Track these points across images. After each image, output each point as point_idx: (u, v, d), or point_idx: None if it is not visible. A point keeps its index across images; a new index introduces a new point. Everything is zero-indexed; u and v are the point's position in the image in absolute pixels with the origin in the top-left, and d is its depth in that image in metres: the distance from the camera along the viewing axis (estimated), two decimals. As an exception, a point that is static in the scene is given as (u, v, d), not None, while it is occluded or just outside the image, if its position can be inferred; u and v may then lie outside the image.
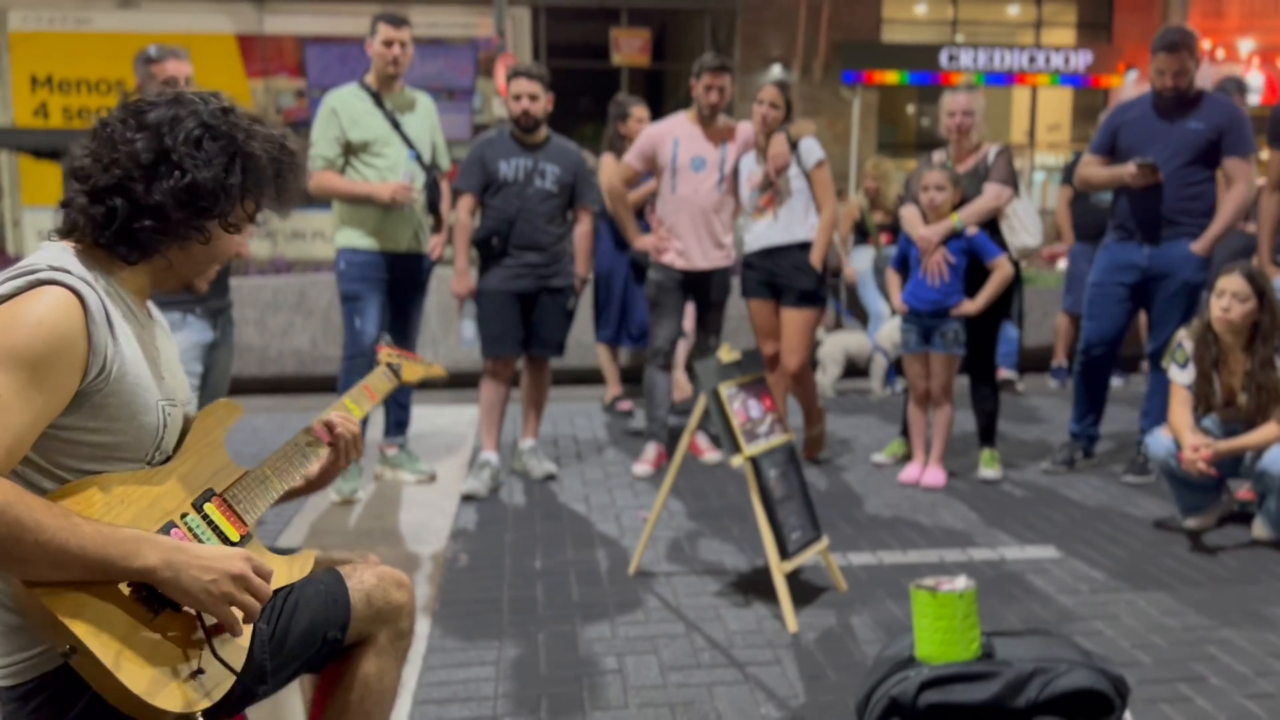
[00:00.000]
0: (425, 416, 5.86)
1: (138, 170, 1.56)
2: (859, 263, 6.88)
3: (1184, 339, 3.92)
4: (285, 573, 1.77)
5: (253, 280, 6.96)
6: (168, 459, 1.64)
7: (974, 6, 18.41)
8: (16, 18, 14.99)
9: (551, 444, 5.41)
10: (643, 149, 4.80)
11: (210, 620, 1.54)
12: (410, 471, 4.76)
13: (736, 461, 3.27)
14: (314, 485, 1.96)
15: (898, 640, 2.51)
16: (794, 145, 4.66)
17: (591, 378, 7.10)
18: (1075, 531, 4.05)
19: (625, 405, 6.07)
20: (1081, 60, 17.48)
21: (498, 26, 13.18)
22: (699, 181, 4.72)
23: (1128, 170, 4.52)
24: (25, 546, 1.36)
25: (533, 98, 4.51)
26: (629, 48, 16.50)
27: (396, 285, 4.55)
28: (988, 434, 4.82)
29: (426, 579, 3.60)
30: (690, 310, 5.34)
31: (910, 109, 18.99)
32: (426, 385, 6.82)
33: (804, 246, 4.69)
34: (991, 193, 4.56)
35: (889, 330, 6.48)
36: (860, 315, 7.19)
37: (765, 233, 4.75)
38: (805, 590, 3.46)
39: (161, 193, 1.56)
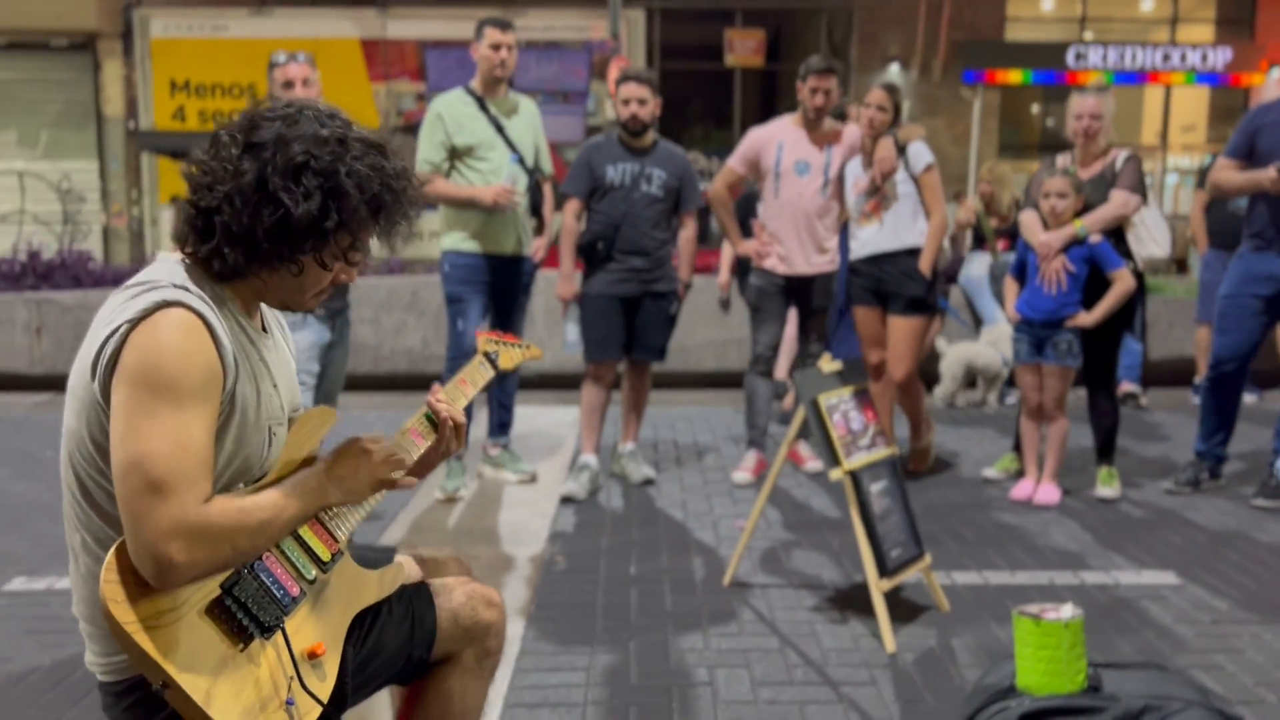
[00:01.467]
0: (529, 417, 5.92)
1: (237, 196, 1.53)
2: (974, 269, 6.68)
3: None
4: (375, 589, 1.76)
5: (368, 280, 7.14)
6: (264, 475, 1.64)
7: (1104, 3, 17.71)
8: (158, 25, 15.73)
9: (651, 448, 5.40)
10: (746, 153, 4.74)
11: (299, 650, 1.57)
12: (512, 471, 4.81)
13: (835, 475, 3.19)
14: (414, 473, 1.95)
15: (998, 667, 2.41)
16: (902, 149, 4.54)
17: (695, 382, 7.07)
18: (1197, 557, 3.84)
19: None
20: (1220, 58, 16.65)
21: (612, 29, 13.26)
22: (803, 186, 4.65)
23: (1267, 175, 4.26)
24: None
25: (641, 102, 4.50)
26: (743, 49, 16.40)
27: (499, 287, 4.60)
28: (1106, 450, 4.62)
29: (523, 581, 3.62)
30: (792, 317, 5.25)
31: (1034, 109, 18.39)
32: (530, 386, 6.87)
33: (912, 253, 4.57)
34: (1119, 200, 4.36)
35: (994, 338, 6.28)
36: (975, 322, 6.98)
37: (872, 239, 4.64)
38: (905, 609, 3.36)
39: (255, 222, 1.53)
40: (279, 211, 1.52)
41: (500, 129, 4.51)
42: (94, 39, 15.30)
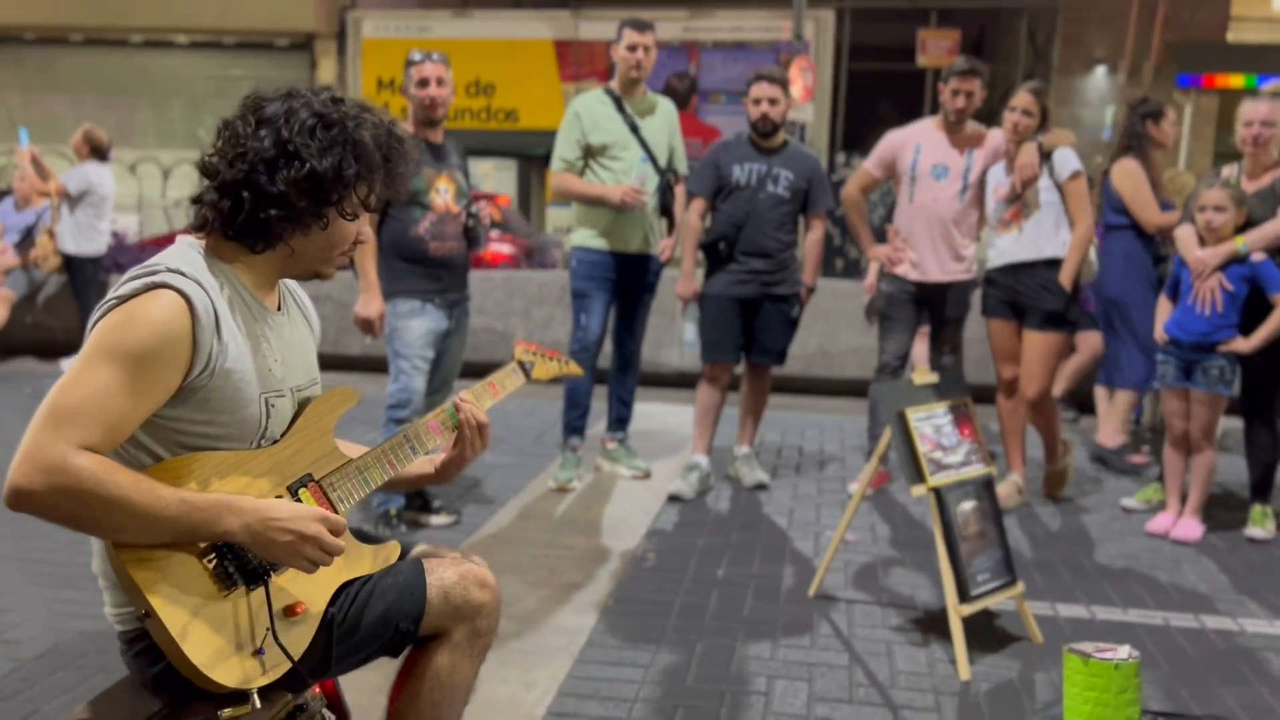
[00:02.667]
0: (653, 414, 5.95)
1: (261, 163, 1.66)
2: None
3: None
4: (369, 562, 1.84)
5: (522, 274, 7.36)
6: (274, 443, 1.75)
7: (1349, 0, 16.14)
8: (369, 26, 16.69)
9: (775, 453, 5.33)
10: (882, 155, 4.61)
11: (279, 605, 1.66)
12: (627, 466, 4.86)
13: (918, 491, 3.07)
14: (441, 476, 2.02)
15: (1050, 706, 2.27)
16: (1047, 155, 4.30)
17: (837, 389, 6.93)
18: (1348, 612, 3.47)
19: (1137, 458, 5.31)
20: None
21: (796, 29, 13.13)
22: (939, 190, 4.47)
23: None
24: (117, 514, 1.51)
25: (772, 101, 4.46)
26: (936, 49, 15.87)
27: (624, 285, 4.65)
28: (1262, 487, 4.23)
29: (609, 574, 3.66)
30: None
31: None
32: (656, 383, 6.90)
33: (1052, 264, 4.32)
34: None
35: None
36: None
37: (1010, 248, 4.42)
38: (994, 637, 3.20)
39: (284, 182, 1.66)
40: (305, 166, 1.66)
41: (635, 129, 4.55)
42: (312, 39, 16.40)
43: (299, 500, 1.71)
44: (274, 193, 1.66)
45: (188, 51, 16.07)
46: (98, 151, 7.07)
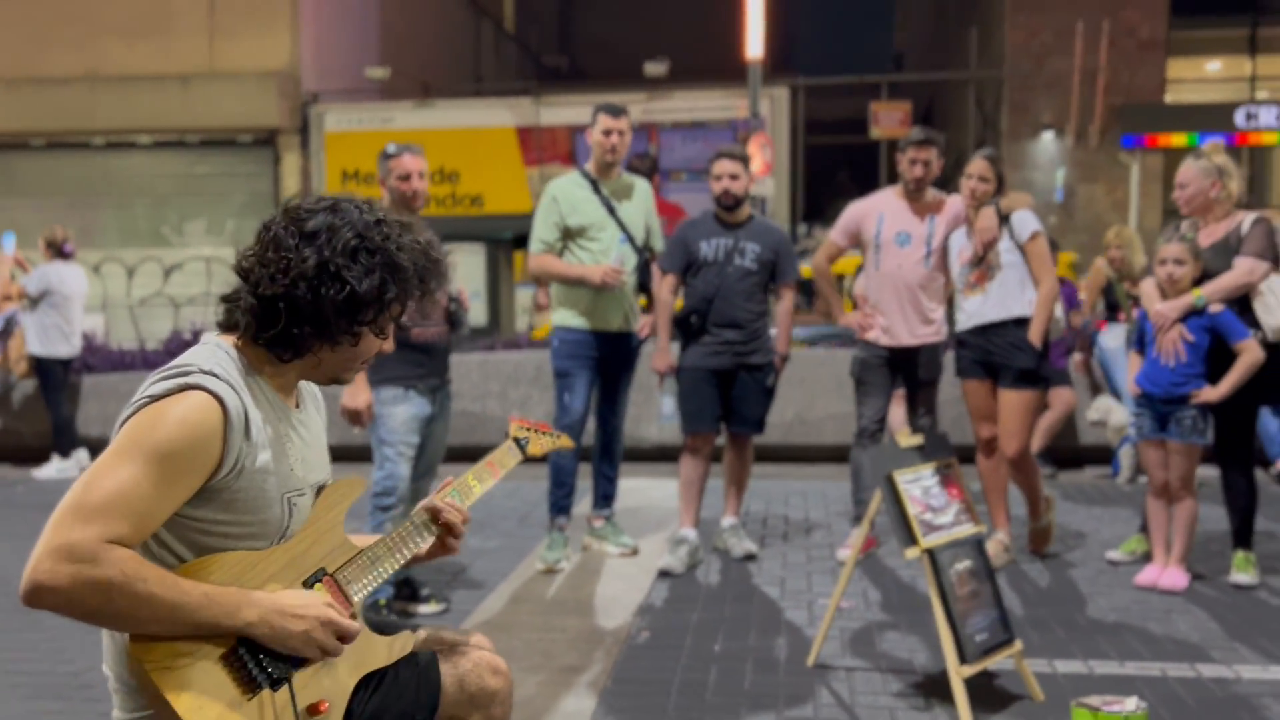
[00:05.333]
0: (639, 489, 5.95)
1: (303, 281, 1.68)
2: (1109, 339, 6.37)
3: None
4: (385, 653, 1.83)
5: (497, 355, 7.39)
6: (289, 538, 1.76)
7: (1277, 61, 16.81)
8: (332, 120, 16.88)
9: (760, 523, 5.33)
10: (847, 225, 4.73)
11: (303, 705, 1.65)
12: (614, 544, 4.84)
13: (912, 554, 3.09)
14: (422, 559, 2.02)
15: (1061, 763, 2.27)
16: (1005, 218, 4.42)
17: (816, 456, 6.96)
18: (1339, 653, 3.50)
19: None
20: None
21: (752, 107, 13.46)
22: (904, 256, 4.58)
23: None
24: (142, 609, 1.52)
25: (733, 177, 4.57)
26: (889, 121, 16.32)
27: (606, 363, 4.69)
28: (1243, 534, 4.29)
29: (606, 654, 3.63)
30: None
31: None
32: (637, 458, 6.90)
33: (1020, 322, 4.42)
34: (1243, 268, 4.11)
35: (1103, 409, 5.98)
36: (1114, 396, 6.63)
37: (978, 309, 4.51)
38: (995, 697, 3.19)
39: (323, 302, 1.68)
40: (345, 289, 1.68)
41: (611, 210, 4.64)
42: (275, 134, 16.55)
43: None
44: (311, 311, 1.69)
45: (151, 151, 16.16)
46: (55, 249, 7.06)
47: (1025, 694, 3.20)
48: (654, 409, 7.00)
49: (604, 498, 4.91)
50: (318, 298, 1.67)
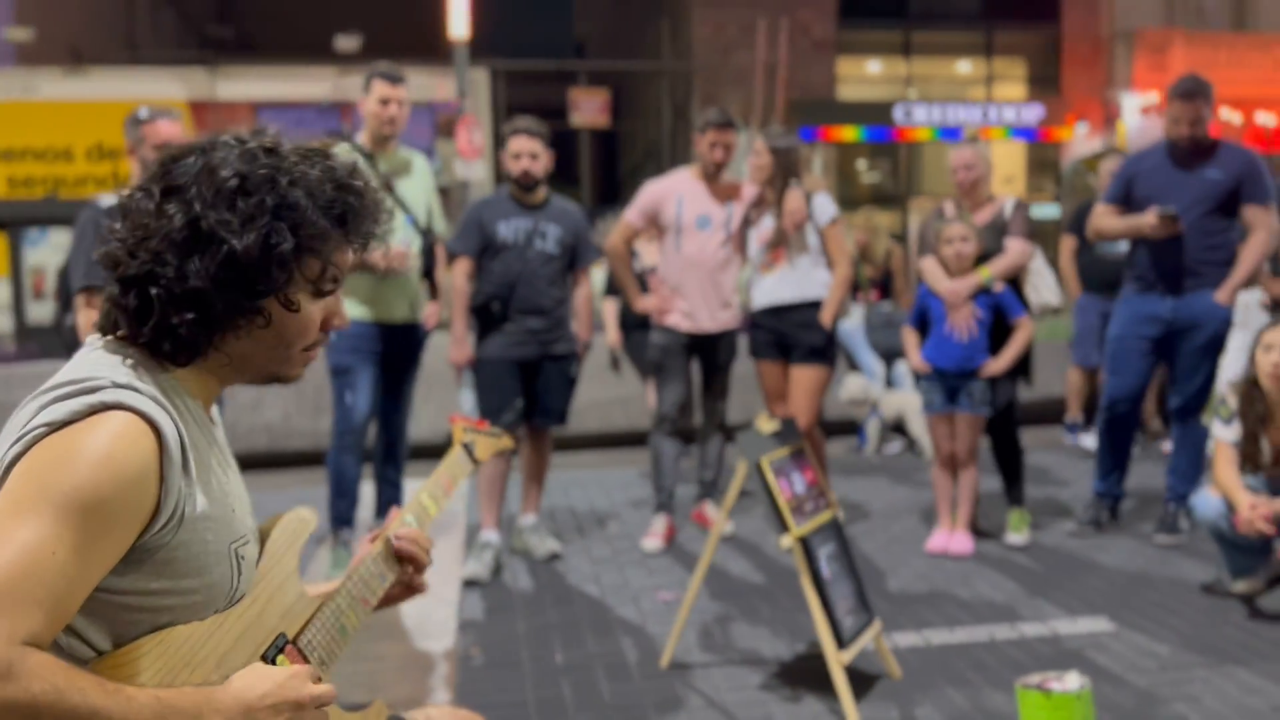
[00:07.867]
0: (406, 493, 5.52)
1: (167, 249, 1.24)
2: (849, 319, 6.70)
3: (1227, 394, 3.76)
4: None
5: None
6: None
7: (926, 63, 18.67)
8: (-40, 87, 14.59)
9: (549, 518, 5.10)
10: (644, 207, 4.59)
11: None
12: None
13: (786, 542, 3.00)
14: (395, 600, 1.67)
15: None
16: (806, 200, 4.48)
17: (581, 444, 6.83)
18: (1123, 600, 3.83)
19: None
20: (1032, 114, 17.76)
21: (460, 89, 13.04)
22: (705, 240, 4.52)
23: (1147, 220, 4.39)
24: None
25: (533, 156, 4.29)
26: (588, 109, 16.46)
27: (390, 357, 4.26)
28: (1015, 493, 4.62)
29: (442, 681, 3.27)
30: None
31: (866, 164, 19.14)
32: (423, 456, 6.44)
33: (814, 305, 4.49)
34: (1018, 248, 4.41)
35: (861, 387, 6.31)
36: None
37: (774, 289, 4.52)
38: (855, 679, 3.17)
39: (196, 275, 1.24)
40: (221, 249, 1.24)
41: (391, 188, 4.20)
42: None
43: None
44: (185, 290, 1.24)
45: None
46: None
47: (881, 672, 3.23)
48: (432, 405, 6.56)
49: (390, 504, 4.48)
50: (189, 269, 1.23)
